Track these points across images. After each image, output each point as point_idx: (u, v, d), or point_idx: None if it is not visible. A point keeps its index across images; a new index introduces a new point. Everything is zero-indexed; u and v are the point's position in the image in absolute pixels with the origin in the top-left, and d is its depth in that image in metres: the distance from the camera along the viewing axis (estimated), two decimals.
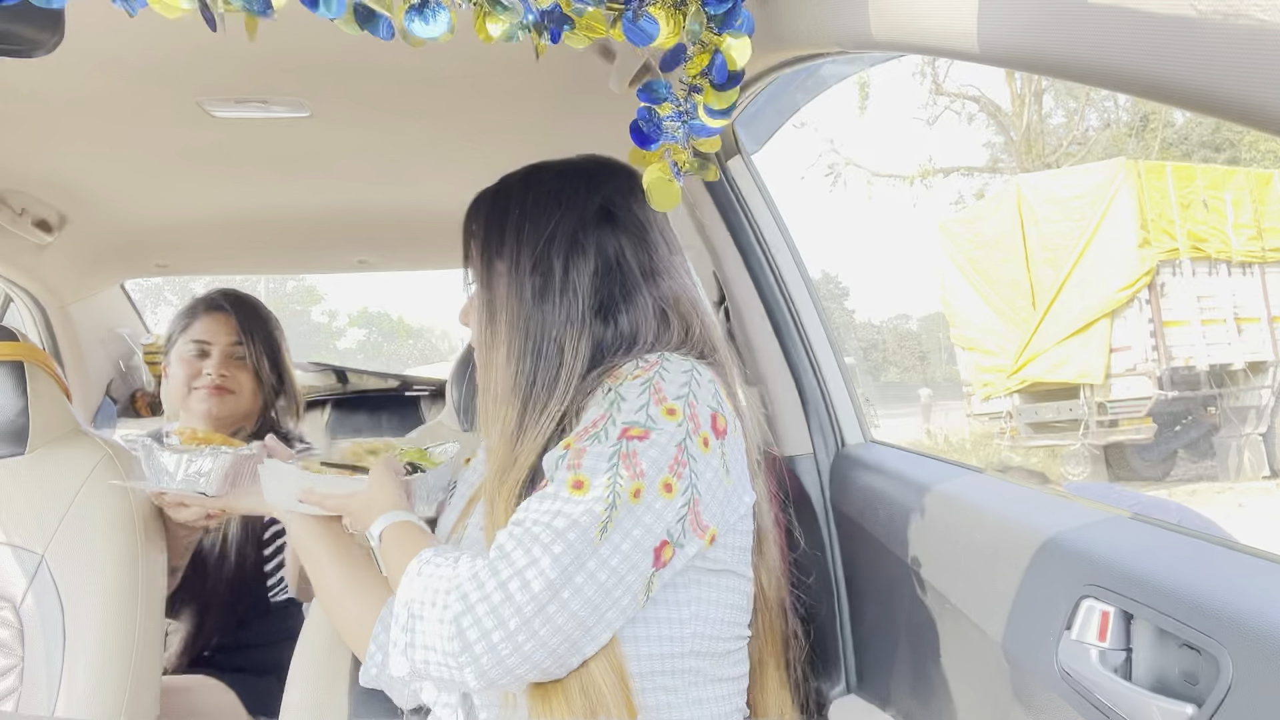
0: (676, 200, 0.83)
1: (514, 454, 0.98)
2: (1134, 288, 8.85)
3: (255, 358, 1.84)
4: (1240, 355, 9.37)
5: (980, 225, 10.14)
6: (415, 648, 0.88)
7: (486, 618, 0.84)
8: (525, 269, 1.02)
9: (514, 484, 0.96)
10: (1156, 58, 0.43)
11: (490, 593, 0.84)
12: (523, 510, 0.89)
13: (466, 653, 0.84)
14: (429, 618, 0.87)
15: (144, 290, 28.89)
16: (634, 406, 0.91)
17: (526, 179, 1.08)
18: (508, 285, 1.04)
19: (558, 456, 0.92)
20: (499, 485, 0.98)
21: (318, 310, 39.10)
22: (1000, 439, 10.67)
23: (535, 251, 1.02)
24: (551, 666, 0.86)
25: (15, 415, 1.38)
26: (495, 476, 0.99)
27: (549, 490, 0.89)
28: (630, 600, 0.88)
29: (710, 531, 0.92)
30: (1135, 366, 9.00)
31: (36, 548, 1.34)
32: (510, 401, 1.00)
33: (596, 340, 1.00)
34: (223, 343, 1.83)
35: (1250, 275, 9.59)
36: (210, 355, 1.82)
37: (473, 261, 1.10)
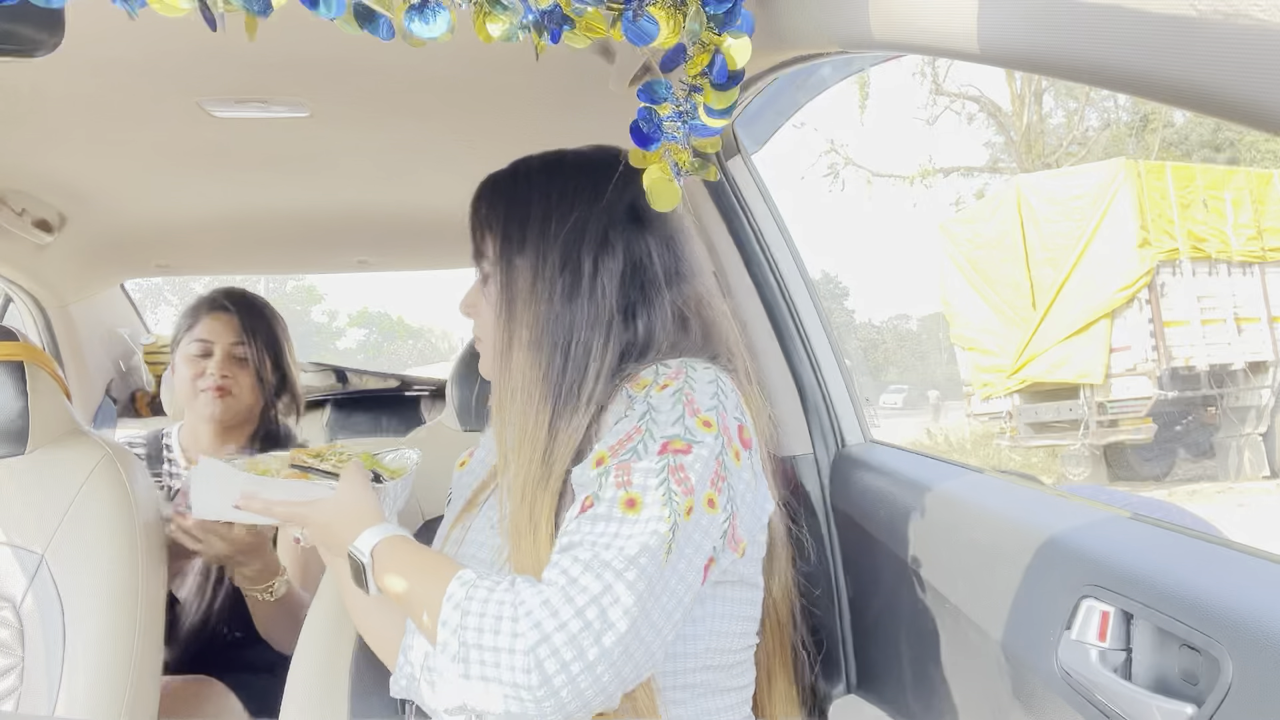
0: (677, 200, 0.83)
1: (547, 464, 0.93)
2: (1134, 288, 8.85)
3: (257, 358, 1.84)
4: (1240, 355, 9.38)
5: (980, 225, 10.15)
6: (473, 679, 0.81)
7: (565, 648, 0.78)
8: (553, 266, 0.97)
9: (553, 496, 0.91)
10: (1156, 58, 0.43)
11: (567, 621, 0.79)
12: (577, 532, 0.85)
13: (545, 686, 0.78)
14: (491, 647, 0.80)
15: (144, 290, 28.88)
16: (669, 419, 0.88)
17: (548, 169, 1.03)
18: (532, 282, 0.98)
19: (597, 473, 0.88)
20: (535, 497, 0.92)
21: (318, 310, 39.11)
22: (1000, 439, 10.68)
23: (564, 249, 0.97)
24: (617, 693, 0.82)
25: (15, 415, 1.38)
26: (530, 488, 0.93)
27: (599, 511, 0.85)
28: (682, 619, 0.86)
29: (742, 545, 0.91)
30: (1135, 366, 9.01)
31: (36, 548, 1.34)
32: (538, 406, 0.94)
33: (622, 343, 0.97)
34: (225, 342, 1.83)
35: (1250, 275, 9.59)
36: (213, 355, 1.82)
37: (487, 253, 1.03)
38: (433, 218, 2.25)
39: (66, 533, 1.34)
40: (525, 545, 0.92)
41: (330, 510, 1.00)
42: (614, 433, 0.90)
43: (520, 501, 0.93)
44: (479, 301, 1.07)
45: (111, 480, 1.39)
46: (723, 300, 1.07)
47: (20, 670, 1.30)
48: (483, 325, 1.06)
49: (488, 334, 1.05)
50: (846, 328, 34.57)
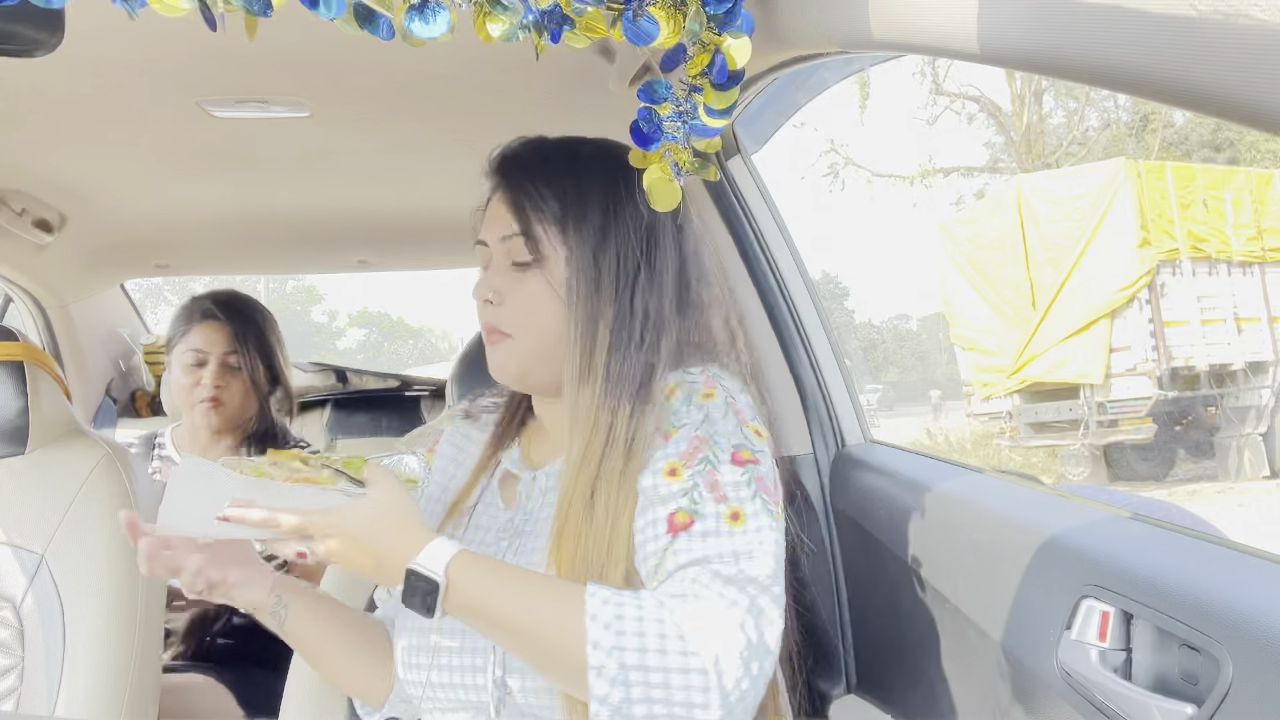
0: (677, 200, 0.83)
1: (630, 460, 0.89)
2: (1134, 288, 8.85)
3: (250, 365, 1.88)
4: (1240, 355, 9.38)
5: (980, 225, 10.15)
6: (636, 702, 0.77)
7: (738, 665, 0.77)
8: (627, 255, 0.93)
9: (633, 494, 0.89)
10: (1156, 58, 0.43)
11: (733, 639, 0.78)
12: (697, 550, 0.83)
13: (724, 703, 0.77)
14: (659, 668, 0.77)
15: (144, 290, 28.90)
16: (728, 428, 0.89)
17: (604, 157, 0.98)
18: (614, 269, 0.93)
19: (681, 486, 0.86)
20: (619, 507, 0.88)
21: (318, 310, 39.14)
22: (1000, 439, 10.68)
23: (633, 237, 0.94)
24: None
25: (15, 415, 1.38)
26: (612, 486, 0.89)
27: (707, 526, 0.84)
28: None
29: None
30: (1135, 366, 9.01)
31: (36, 548, 1.34)
32: (614, 407, 0.90)
33: (674, 341, 0.95)
34: (218, 352, 1.87)
35: (1250, 275, 9.59)
36: (207, 364, 1.86)
37: (543, 234, 0.94)
38: (433, 218, 2.25)
39: (66, 533, 1.34)
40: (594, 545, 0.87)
41: (365, 520, 0.83)
42: (675, 441, 0.89)
43: (596, 499, 0.89)
44: (509, 288, 0.95)
45: (111, 480, 1.39)
46: (729, 301, 1.07)
47: (20, 670, 1.30)
48: (515, 315, 0.95)
49: (527, 323, 0.95)
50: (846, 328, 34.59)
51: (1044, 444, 10.04)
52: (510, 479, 1.04)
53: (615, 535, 0.87)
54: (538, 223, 0.94)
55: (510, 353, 0.96)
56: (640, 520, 0.87)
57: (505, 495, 1.03)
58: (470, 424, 1.12)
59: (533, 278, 0.94)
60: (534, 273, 0.94)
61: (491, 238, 0.98)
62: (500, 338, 0.96)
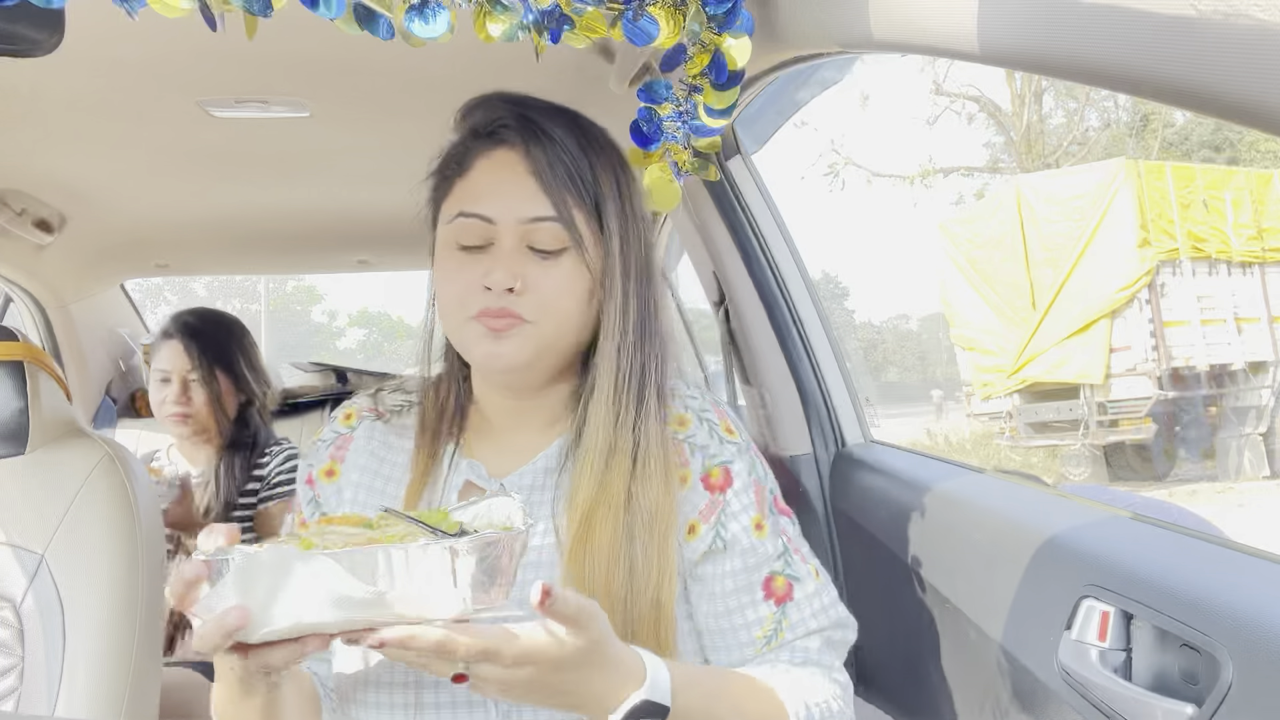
0: (677, 200, 0.83)
1: (669, 478, 0.86)
2: (1134, 288, 8.85)
3: (210, 382, 1.99)
4: (1240, 355, 9.38)
5: (980, 225, 10.15)
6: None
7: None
8: (639, 243, 0.89)
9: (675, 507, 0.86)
10: (1157, 58, 0.43)
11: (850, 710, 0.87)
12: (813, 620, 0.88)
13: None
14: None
15: (144, 290, 28.90)
16: (762, 466, 0.92)
17: (605, 137, 0.91)
18: (624, 256, 0.87)
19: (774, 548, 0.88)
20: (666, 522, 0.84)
21: (318, 310, 39.14)
22: (1000, 439, 10.67)
23: (640, 224, 0.90)
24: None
25: (15, 415, 1.38)
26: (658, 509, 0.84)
27: (807, 590, 0.88)
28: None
29: None
30: (1135, 366, 9.01)
31: (36, 548, 1.34)
32: (646, 408, 0.86)
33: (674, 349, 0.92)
34: (180, 370, 1.98)
35: (1250, 275, 9.59)
36: (171, 382, 1.99)
37: (575, 216, 0.85)
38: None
39: (66, 533, 1.34)
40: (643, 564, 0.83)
41: (572, 652, 0.68)
42: (743, 490, 0.89)
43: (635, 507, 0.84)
44: (531, 273, 0.85)
45: (111, 480, 1.38)
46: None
47: (20, 670, 1.30)
48: (539, 301, 0.85)
49: (551, 309, 0.85)
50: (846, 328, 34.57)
51: (1044, 444, 10.04)
52: (471, 491, 0.90)
53: (664, 557, 0.83)
54: (575, 207, 0.85)
55: (527, 340, 0.85)
56: (722, 566, 0.87)
57: None
58: (384, 428, 0.96)
59: (560, 262, 0.85)
60: (561, 257, 0.85)
61: (504, 216, 0.85)
62: (515, 324, 0.84)
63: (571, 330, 0.87)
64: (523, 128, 0.87)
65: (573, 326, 0.87)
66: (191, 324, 2.02)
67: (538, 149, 0.85)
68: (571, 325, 0.87)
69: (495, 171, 0.86)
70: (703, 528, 0.88)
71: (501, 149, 0.87)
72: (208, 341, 2.00)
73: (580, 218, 0.85)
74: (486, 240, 0.85)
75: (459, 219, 0.86)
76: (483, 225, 0.85)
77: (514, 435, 0.93)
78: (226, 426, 2.02)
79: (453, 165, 0.90)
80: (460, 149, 0.90)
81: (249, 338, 2.12)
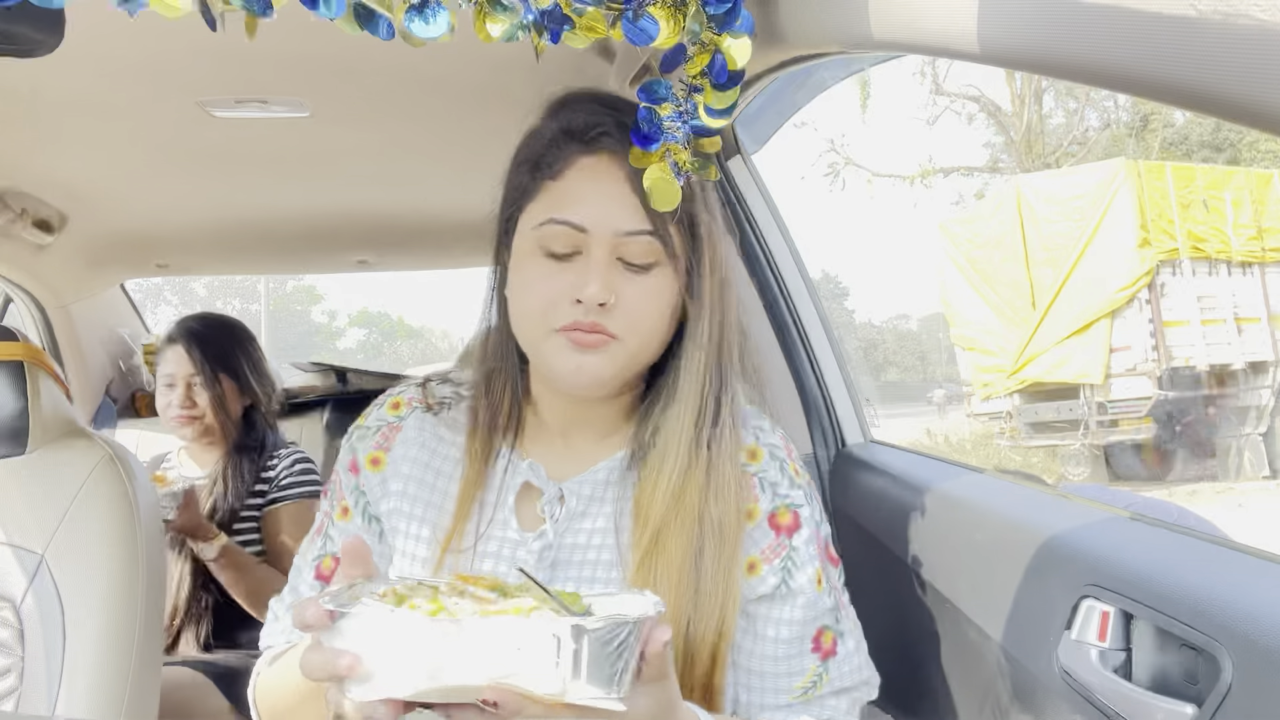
0: (677, 200, 0.82)
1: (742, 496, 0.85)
2: (1134, 288, 8.85)
3: (214, 387, 2.00)
4: (1240, 355, 9.38)
5: (980, 225, 10.15)
6: None
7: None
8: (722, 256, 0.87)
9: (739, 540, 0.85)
10: (1157, 58, 0.43)
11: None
12: (849, 676, 0.89)
13: None
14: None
15: (144, 290, 28.93)
16: (818, 506, 0.92)
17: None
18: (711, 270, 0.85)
19: (830, 603, 0.88)
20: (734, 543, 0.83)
21: (318, 310, 39.16)
22: (1000, 439, 10.68)
23: (723, 239, 0.88)
24: None
25: (15, 415, 1.38)
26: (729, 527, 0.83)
27: (848, 648, 0.89)
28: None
29: None
30: (1135, 366, 9.01)
31: (36, 548, 1.34)
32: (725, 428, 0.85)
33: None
34: (183, 375, 2.00)
35: (1250, 275, 9.60)
36: (175, 387, 2.01)
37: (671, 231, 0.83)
38: (433, 218, 2.25)
39: (66, 533, 1.34)
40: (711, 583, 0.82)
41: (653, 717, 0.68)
42: (811, 539, 0.88)
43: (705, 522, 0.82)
44: (624, 287, 0.82)
45: (111, 480, 1.38)
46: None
47: (20, 670, 1.30)
48: (629, 317, 0.82)
49: (639, 325, 0.82)
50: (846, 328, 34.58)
51: (1044, 444, 10.04)
52: (529, 494, 0.88)
53: (730, 579, 0.82)
54: (671, 220, 0.82)
55: (615, 356, 0.82)
56: (781, 612, 0.87)
57: (522, 516, 0.87)
58: (434, 420, 0.92)
59: (650, 276, 0.82)
60: (651, 270, 0.83)
61: (599, 227, 0.81)
62: (604, 341, 0.81)
63: (656, 344, 0.85)
64: (624, 137, 0.82)
65: (658, 341, 0.85)
66: (195, 329, 2.04)
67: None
68: (657, 340, 0.85)
69: (592, 180, 0.82)
70: (764, 568, 0.86)
71: (600, 156, 0.83)
72: (211, 346, 2.02)
73: (675, 232, 0.82)
74: (575, 249, 0.81)
75: (549, 224, 0.82)
76: (575, 234, 0.81)
77: (571, 439, 0.90)
78: (232, 429, 2.03)
79: (543, 166, 0.85)
80: (552, 149, 0.85)
81: (253, 341, 2.14)
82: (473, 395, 0.92)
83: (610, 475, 0.88)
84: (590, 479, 0.88)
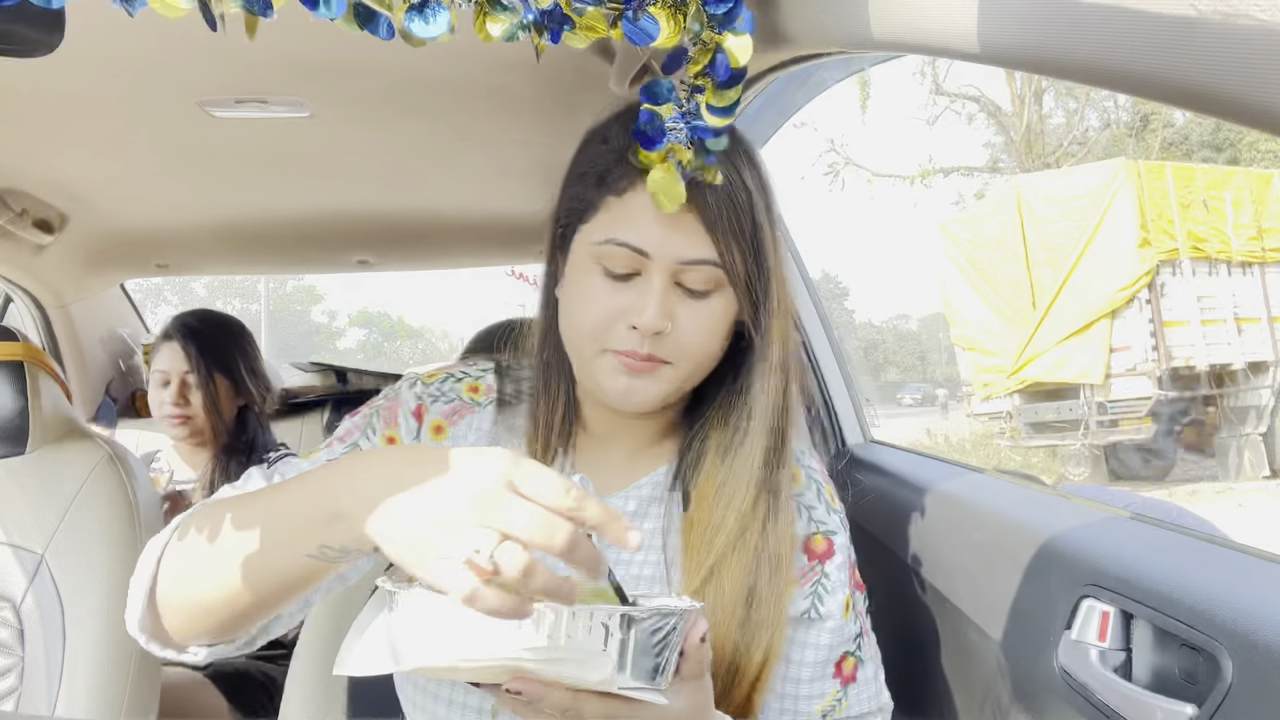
0: (681, 200, 0.82)
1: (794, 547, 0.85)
2: (1134, 288, 8.85)
3: (206, 385, 1.98)
4: (1240, 355, 9.38)
5: (980, 225, 10.15)
6: None
7: None
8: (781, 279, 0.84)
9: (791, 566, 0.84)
10: (1156, 58, 0.43)
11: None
12: (867, 702, 0.89)
13: None
14: None
15: (144, 290, 28.93)
16: (848, 541, 0.91)
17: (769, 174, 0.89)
18: (769, 296, 0.83)
19: (854, 629, 0.89)
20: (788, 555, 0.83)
21: (318, 310, 39.15)
22: (1000, 439, 10.68)
23: (781, 262, 0.86)
24: None
25: (15, 415, 1.38)
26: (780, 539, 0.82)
27: (867, 674, 0.89)
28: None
29: None
30: (1135, 366, 9.01)
31: (36, 548, 1.34)
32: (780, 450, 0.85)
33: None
34: (178, 372, 1.98)
35: (1250, 275, 9.60)
36: (169, 384, 1.98)
37: (733, 260, 0.80)
38: (433, 218, 2.25)
39: (66, 533, 1.34)
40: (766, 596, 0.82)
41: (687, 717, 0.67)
42: (842, 566, 0.88)
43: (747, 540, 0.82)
44: (679, 312, 0.80)
45: (111, 480, 1.39)
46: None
47: (20, 670, 1.30)
48: (682, 342, 0.80)
49: (691, 351, 0.81)
50: (846, 328, 34.56)
51: (1044, 444, 10.04)
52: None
53: (780, 607, 0.82)
54: (736, 249, 0.80)
55: (666, 382, 0.81)
56: (808, 636, 0.87)
57: None
58: (505, 415, 0.91)
59: (709, 302, 0.81)
60: (711, 296, 0.81)
61: (661, 253, 0.78)
62: (656, 366, 0.80)
63: (707, 367, 0.83)
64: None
65: (710, 363, 0.83)
66: (191, 326, 2.02)
67: (708, 187, 0.79)
68: (709, 363, 0.83)
69: (645, 200, 0.79)
70: (794, 592, 0.86)
71: (685, 184, 0.80)
72: (206, 344, 2.00)
73: (739, 260, 0.80)
74: (634, 270, 0.80)
75: (609, 244, 0.79)
76: (635, 257, 0.79)
77: (613, 450, 0.90)
78: (223, 430, 2.01)
79: (609, 181, 0.82)
80: (617, 164, 0.81)
81: (250, 341, 2.12)
82: (531, 395, 0.90)
83: (655, 490, 0.88)
84: (635, 494, 0.88)
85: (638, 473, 0.89)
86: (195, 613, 0.72)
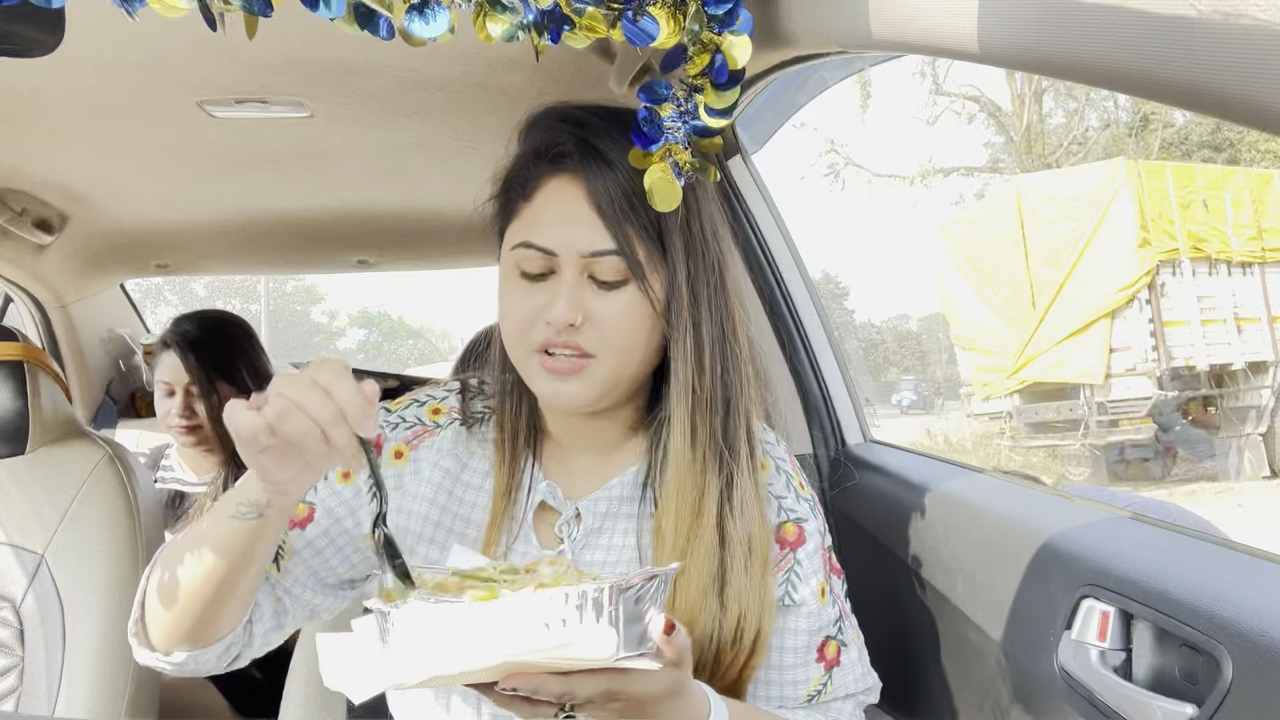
0: (677, 200, 0.82)
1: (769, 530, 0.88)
2: (1134, 288, 8.85)
3: (209, 394, 1.94)
4: (1240, 355, 9.38)
5: (980, 225, 10.15)
6: None
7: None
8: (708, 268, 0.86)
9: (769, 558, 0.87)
10: (1157, 58, 0.43)
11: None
12: (854, 683, 0.93)
13: None
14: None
15: (144, 290, 28.93)
16: (822, 518, 0.93)
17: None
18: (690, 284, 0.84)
19: (834, 614, 0.91)
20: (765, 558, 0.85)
21: (318, 310, 39.12)
22: (1000, 439, 10.68)
23: (711, 249, 0.87)
24: None
25: (15, 415, 1.38)
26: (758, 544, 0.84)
27: (851, 657, 0.92)
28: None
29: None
30: (1135, 366, 9.01)
31: (36, 548, 1.34)
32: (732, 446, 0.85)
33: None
34: (182, 383, 1.94)
35: (1250, 275, 9.59)
36: (174, 394, 1.95)
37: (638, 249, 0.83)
38: (433, 218, 2.25)
39: (66, 533, 1.34)
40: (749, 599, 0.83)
41: (660, 688, 0.70)
42: (815, 553, 0.90)
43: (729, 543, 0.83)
44: (595, 306, 0.82)
45: (111, 480, 1.39)
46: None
47: (20, 670, 1.30)
48: (602, 335, 0.83)
49: (614, 343, 0.83)
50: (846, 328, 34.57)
51: (1044, 444, 10.04)
52: (546, 513, 0.89)
53: (765, 588, 0.84)
54: (636, 238, 0.82)
55: (594, 378, 0.83)
56: (785, 623, 0.89)
57: (541, 534, 0.88)
58: (468, 434, 0.93)
59: (622, 293, 0.83)
60: (623, 288, 0.83)
61: (566, 249, 0.82)
62: (580, 365, 0.82)
63: (635, 361, 0.84)
64: (583, 154, 0.83)
65: (637, 358, 0.84)
66: (190, 333, 1.96)
67: (598, 179, 0.82)
68: (635, 356, 0.84)
69: (557, 201, 0.83)
70: (770, 578, 0.87)
71: (563, 176, 0.84)
72: (206, 352, 1.95)
73: (642, 249, 0.82)
74: (548, 269, 0.83)
75: (520, 248, 0.83)
76: (545, 257, 0.83)
77: (580, 455, 0.91)
78: (230, 438, 1.98)
79: (516, 187, 0.87)
80: (523, 170, 0.87)
81: (252, 341, 2.06)
82: (497, 405, 0.93)
83: (624, 491, 0.89)
84: (605, 496, 0.89)
85: (607, 474, 0.90)
86: (172, 607, 0.79)
